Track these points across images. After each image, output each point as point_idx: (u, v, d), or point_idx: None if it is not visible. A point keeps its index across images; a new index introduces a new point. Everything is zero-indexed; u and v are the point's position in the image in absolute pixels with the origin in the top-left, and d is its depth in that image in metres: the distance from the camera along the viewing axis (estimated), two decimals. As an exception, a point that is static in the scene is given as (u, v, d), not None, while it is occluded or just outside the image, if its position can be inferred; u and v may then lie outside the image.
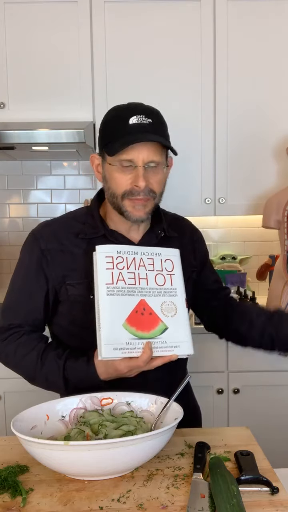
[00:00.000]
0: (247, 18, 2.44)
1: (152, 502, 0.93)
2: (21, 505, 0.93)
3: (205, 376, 2.27)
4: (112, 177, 1.23)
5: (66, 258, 1.28)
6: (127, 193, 1.21)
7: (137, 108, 1.22)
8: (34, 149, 2.46)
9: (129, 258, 1.20)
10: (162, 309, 1.18)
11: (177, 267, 1.24)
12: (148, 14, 2.43)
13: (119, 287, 1.16)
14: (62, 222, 1.34)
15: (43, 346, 1.25)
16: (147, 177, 1.20)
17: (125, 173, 1.21)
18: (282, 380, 2.30)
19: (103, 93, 2.46)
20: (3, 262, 2.83)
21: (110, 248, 1.20)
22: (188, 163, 2.49)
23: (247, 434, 1.21)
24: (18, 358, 1.26)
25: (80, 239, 1.28)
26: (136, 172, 1.20)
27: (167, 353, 1.15)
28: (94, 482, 0.99)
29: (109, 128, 1.24)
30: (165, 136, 1.24)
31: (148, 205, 1.24)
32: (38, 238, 1.30)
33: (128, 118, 1.19)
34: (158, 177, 1.23)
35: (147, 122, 1.19)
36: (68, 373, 1.21)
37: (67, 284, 1.27)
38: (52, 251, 1.28)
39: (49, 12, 2.42)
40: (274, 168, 2.51)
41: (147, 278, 1.20)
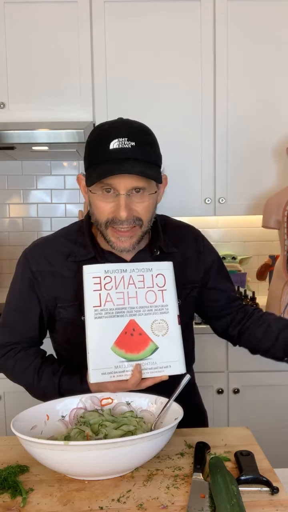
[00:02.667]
0: (247, 18, 2.44)
1: (152, 502, 0.93)
2: (21, 505, 0.93)
3: (205, 376, 2.27)
4: (94, 204, 1.17)
5: (56, 280, 1.26)
6: (109, 221, 1.16)
7: (120, 129, 1.13)
8: (34, 149, 2.46)
9: (118, 277, 1.15)
10: (153, 328, 1.15)
11: (169, 281, 1.18)
12: (148, 14, 2.43)
13: (107, 309, 1.13)
14: (53, 243, 1.30)
15: (39, 362, 1.27)
16: (130, 205, 1.13)
17: (108, 200, 1.14)
18: (282, 380, 2.30)
19: (103, 93, 2.46)
20: (3, 262, 2.83)
21: (98, 268, 1.16)
22: (188, 163, 2.49)
23: (247, 434, 1.21)
24: (16, 374, 1.29)
25: (70, 261, 1.25)
26: (117, 201, 1.13)
27: (157, 374, 1.13)
28: (94, 482, 0.99)
29: (90, 151, 1.17)
30: (149, 160, 1.14)
31: (135, 235, 1.18)
32: (28, 259, 1.28)
33: (108, 142, 1.11)
34: (144, 204, 1.15)
35: (129, 146, 1.11)
36: (63, 389, 1.23)
37: (59, 307, 1.27)
38: (42, 273, 1.26)
39: (49, 12, 2.42)
40: (274, 168, 2.51)
41: (136, 296, 1.15)
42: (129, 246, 1.18)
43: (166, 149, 2.45)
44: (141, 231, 1.18)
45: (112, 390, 1.16)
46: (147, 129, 1.18)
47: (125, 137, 1.11)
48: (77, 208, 2.82)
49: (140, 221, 1.16)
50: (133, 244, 1.19)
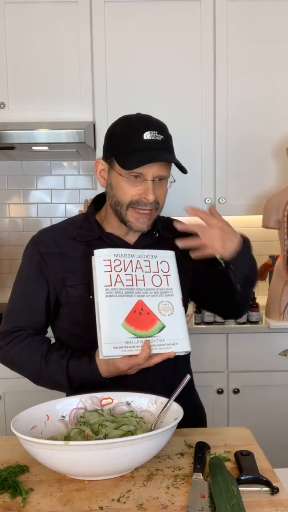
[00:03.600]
0: (247, 17, 2.44)
1: (152, 502, 0.93)
2: (21, 505, 0.93)
3: (205, 376, 2.27)
4: (120, 186, 1.26)
5: (64, 261, 1.31)
6: (133, 202, 1.25)
7: (150, 123, 1.25)
8: (34, 149, 2.46)
9: (126, 260, 1.23)
10: (159, 308, 1.22)
11: (172, 268, 1.28)
12: (148, 14, 2.43)
13: (117, 289, 1.20)
14: (59, 228, 1.38)
15: (46, 347, 1.29)
16: (154, 189, 1.24)
17: (134, 184, 1.24)
18: (282, 380, 2.30)
19: (103, 93, 2.46)
20: (3, 262, 2.83)
21: (108, 251, 1.23)
22: (188, 163, 2.47)
23: (247, 434, 1.21)
24: (22, 360, 1.29)
25: (77, 242, 1.32)
26: (145, 185, 1.24)
27: (165, 350, 1.19)
28: (94, 482, 1.00)
29: (122, 140, 1.25)
30: (173, 152, 1.29)
31: (152, 217, 1.29)
32: (37, 243, 1.34)
33: (142, 133, 1.22)
34: (163, 190, 1.29)
35: (160, 139, 1.23)
36: (72, 372, 1.24)
37: (67, 286, 1.30)
38: (51, 255, 1.32)
39: (49, 12, 2.42)
40: (274, 168, 2.51)
41: (144, 279, 1.23)
42: (146, 227, 1.29)
43: (166, 149, 2.46)
44: (156, 213, 1.30)
45: (122, 368, 1.17)
46: (167, 126, 1.30)
47: (155, 130, 1.24)
48: (77, 208, 2.82)
49: (158, 204, 1.28)
50: (149, 225, 1.29)
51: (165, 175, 1.26)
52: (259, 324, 2.33)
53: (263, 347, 2.30)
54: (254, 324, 2.32)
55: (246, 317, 2.35)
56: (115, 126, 1.29)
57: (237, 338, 2.29)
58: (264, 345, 2.30)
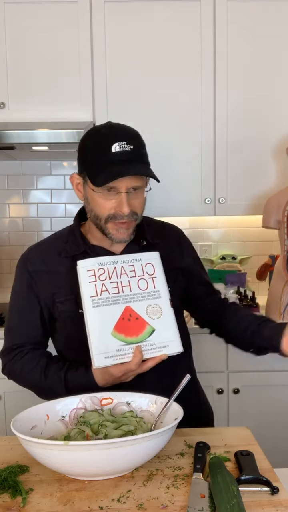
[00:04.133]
0: (247, 18, 2.44)
1: (152, 502, 0.93)
2: (21, 505, 0.93)
3: (205, 376, 2.26)
4: (95, 201, 1.26)
5: (52, 277, 1.33)
6: (110, 216, 1.25)
7: (118, 133, 1.22)
8: (34, 149, 2.46)
9: (110, 268, 1.23)
10: (148, 312, 1.23)
11: (158, 269, 1.28)
12: (148, 14, 2.43)
13: (103, 298, 1.20)
14: (46, 244, 1.39)
15: (45, 361, 1.31)
16: (129, 201, 1.23)
17: (109, 198, 1.23)
18: (282, 380, 2.30)
19: (103, 93, 2.46)
20: (3, 262, 2.83)
21: (91, 261, 1.23)
22: (188, 163, 2.49)
23: (247, 434, 1.21)
24: (24, 375, 1.32)
25: (63, 257, 1.33)
26: (120, 198, 1.23)
27: (157, 353, 1.20)
28: (94, 482, 1.00)
29: (91, 155, 1.24)
30: (145, 161, 1.26)
31: (131, 227, 1.28)
32: (25, 261, 1.36)
33: (110, 146, 1.20)
34: (139, 200, 1.27)
35: (129, 150, 1.21)
36: (69, 383, 1.26)
37: (56, 302, 1.32)
38: (38, 273, 1.34)
39: (49, 12, 2.42)
40: (274, 168, 2.51)
41: (129, 285, 1.23)
42: (127, 237, 1.29)
43: (166, 149, 2.46)
44: (135, 223, 1.29)
45: (116, 374, 1.18)
46: (138, 133, 1.28)
47: (124, 141, 1.21)
48: (77, 208, 2.79)
49: (136, 215, 1.27)
50: (130, 235, 1.29)
51: (138, 185, 1.24)
52: (259, 324, 2.33)
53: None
54: (254, 324, 2.32)
55: (246, 317, 2.35)
56: (84, 140, 1.28)
57: (237, 338, 2.29)
58: (264, 345, 2.29)
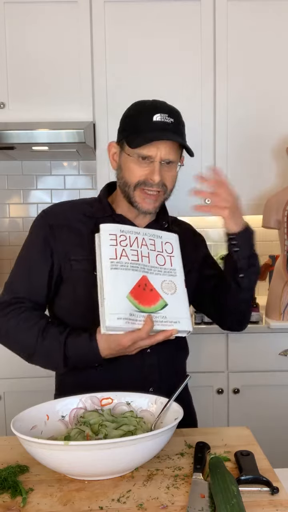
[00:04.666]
0: (247, 18, 2.44)
1: (152, 502, 0.93)
2: (21, 505, 0.93)
3: (205, 376, 2.27)
4: (128, 167, 1.28)
5: (72, 234, 1.32)
6: (140, 183, 1.27)
7: (161, 106, 1.28)
8: (34, 149, 2.46)
9: (132, 237, 1.24)
10: (163, 286, 1.22)
11: (176, 250, 1.29)
12: (148, 14, 2.43)
13: (122, 262, 1.20)
14: (72, 203, 1.40)
15: (44, 322, 1.26)
16: (161, 172, 1.26)
17: (142, 165, 1.26)
18: (282, 380, 2.30)
19: (103, 93, 2.46)
20: (3, 262, 2.83)
21: (114, 226, 1.24)
22: (188, 163, 2.48)
23: (247, 434, 1.21)
24: (18, 333, 1.26)
25: (87, 217, 1.33)
26: (152, 166, 1.25)
27: (168, 327, 1.18)
28: (94, 482, 1.00)
29: (133, 121, 1.29)
30: (183, 136, 1.30)
31: (158, 199, 1.30)
32: (48, 214, 1.35)
33: (152, 115, 1.25)
34: (171, 174, 1.30)
35: (169, 121, 1.25)
36: (69, 349, 1.22)
37: (72, 259, 1.30)
38: (60, 227, 1.32)
39: (49, 12, 2.42)
40: (274, 168, 2.51)
41: (149, 256, 1.24)
42: (153, 209, 1.31)
43: (166, 149, 2.46)
44: (164, 197, 1.31)
45: (125, 343, 1.15)
46: (180, 112, 1.33)
47: (166, 113, 1.26)
48: (77, 208, 2.82)
49: (165, 187, 1.29)
50: (155, 207, 1.31)
51: (172, 158, 1.27)
52: (259, 324, 2.33)
53: (263, 347, 2.29)
54: (254, 324, 2.32)
55: (246, 317, 2.35)
56: (128, 110, 1.32)
57: (237, 338, 2.29)
58: (264, 345, 2.30)
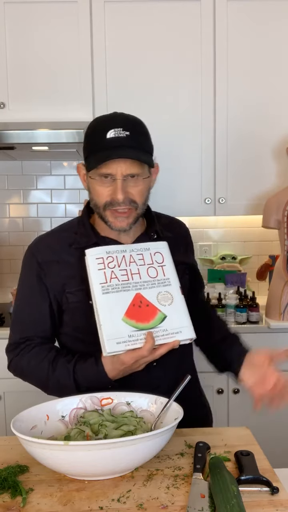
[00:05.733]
0: (247, 17, 2.44)
1: (152, 502, 0.93)
2: (21, 505, 0.93)
3: (205, 376, 2.25)
4: (93, 189, 1.26)
5: (62, 268, 1.31)
6: (107, 204, 1.24)
7: (115, 121, 1.23)
8: (34, 149, 2.46)
9: (119, 256, 1.23)
10: (159, 299, 1.21)
11: (167, 258, 1.27)
12: (148, 14, 2.43)
13: (113, 285, 1.19)
14: (55, 235, 1.38)
15: (53, 354, 1.29)
16: (126, 188, 1.22)
17: (105, 185, 1.23)
18: (282, 380, 2.29)
19: (103, 93, 2.46)
20: (3, 262, 2.83)
21: (99, 250, 1.23)
22: (188, 163, 2.49)
23: (247, 434, 1.21)
24: (31, 369, 1.30)
25: (74, 248, 1.31)
26: (115, 185, 1.22)
27: (169, 339, 1.17)
28: (94, 482, 1.00)
29: (88, 141, 1.27)
30: (142, 148, 1.24)
31: (131, 216, 1.26)
32: (34, 252, 1.34)
33: (105, 132, 1.21)
34: (138, 188, 1.25)
35: (124, 136, 1.21)
36: (78, 375, 1.24)
37: (67, 292, 1.30)
38: (48, 263, 1.32)
39: (49, 12, 2.42)
40: (274, 168, 2.51)
41: (139, 272, 1.22)
42: (126, 226, 1.27)
43: (166, 149, 2.46)
44: (136, 212, 1.27)
45: (128, 362, 1.15)
46: (141, 121, 1.28)
47: (120, 127, 1.21)
48: (77, 208, 2.82)
49: (135, 203, 1.25)
50: (129, 224, 1.27)
51: (135, 172, 1.22)
52: (259, 324, 2.33)
53: (263, 347, 2.29)
54: (254, 324, 2.32)
55: (246, 317, 2.35)
56: (87, 128, 1.30)
57: (237, 338, 2.29)
58: (264, 345, 2.28)
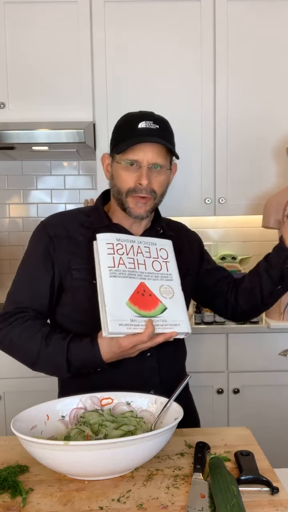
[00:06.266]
0: (247, 18, 2.44)
1: (152, 502, 0.93)
2: (21, 505, 0.93)
3: (205, 376, 2.27)
4: (119, 174, 1.32)
5: (71, 244, 1.35)
6: (131, 190, 1.30)
7: (147, 115, 1.32)
8: (34, 149, 2.46)
9: (128, 245, 1.28)
10: (161, 291, 1.26)
11: (171, 255, 1.33)
12: (148, 14, 2.43)
13: (120, 270, 1.24)
14: (69, 214, 1.43)
15: (48, 329, 1.29)
16: (150, 177, 1.29)
17: (131, 171, 1.30)
18: (282, 380, 2.30)
19: (103, 93, 2.46)
20: (3, 262, 2.83)
21: (110, 236, 1.28)
22: (188, 163, 2.49)
23: (247, 434, 1.21)
24: (22, 341, 1.28)
25: (85, 228, 1.36)
26: (140, 171, 1.29)
27: (168, 330, 1.21)
28: (94, 482, 1.00)
29: (119, 131, 1.34)
30: (170, 142, 1.33)
31: (148, 204, 1.32)
32: (46, 225, 1.38)
33: (137, 123, 1.30)
34: (160, 179, 1.32)
35: (155, 128, 1.29)
36: (72, 354, 1.23)
37: (72, 268, 1.33)
38: (59, 238, 1.35)
39: (49, 12, 2.42)
40: (274, 168, 2.51)
41: (145, 263, 1.28)
42: (144, 213, 1.33)
43: (166, 149, 2.46)
44: (154, 202, 1.34)
45: (126, 346, 1.17)
46: (167, 121, 1.37)
47: (151, 121, 1.31)
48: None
49: (155, 193, 1.32)
50: (147, 211, 1.33)
51: (160, 162, 1.30)
52: (259, 324, 2.33)
53: (263, 347, 2.29)
54: (254, 324, 2.32)
55: (246, 317, 2.35)
56: (118, 122, 1.37)
57: (237, 338, 2.29)
58: (264, 345, 2.30)
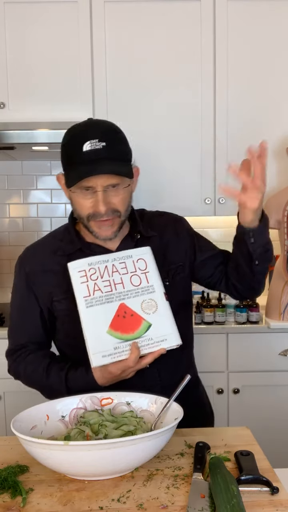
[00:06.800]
0: (247, 18, 2.44)
1: (152, 502, 0.93)
2: (21, 505, 0.93)
3: (205, 376, 2.25)
4: (75, 201, 1.26)
5: (48, 276, 1.33)
6: (90, 215, 1.24)
7: (91, 131, 1.22)
8: (34, 149, 2.46)
9: (101, 267, 1.23)
10: (143, 307, 1.22)
11: (150, 264, 1.27)
12: (148, 14, 2.43)
13: (96, 297, 1.21)
14: (43, 244, 1.39)
15: (47, 361, 1.32)
16: (108, 199, 1.22)
17: (86, 197, 1.23)
18: (282, 380, 2.30)
19: (103, 93, 2.46)
20: (3, 262, 2.83)
21: (82, 262, 1.24)
22: (188, 163, 2.49)
23: (247, 434, 1.21)
24: (27, 375, 1.33)
25: (59, 256, 1.32)
26: (96, 197, 1.22)
27: (155, 348, 1.20)
28: (94, 482, 1.00)
29: (65, 154, 1.27)
30: (120, 158, 1.23)
31: (115, 223, 1.26)
32: (22, 262, 1.37)
33: (82, 144, 1.20)
34: (119, 197, 1.24)
35: (101, 147, 1.19)
36: (70, 383, 1.26)
37: (54, 300, 1.33)
38: (35, 273, 1.34)
39: (49, 12, 2.42)
40: (274, 168, 2.51)
41: (122, 282, 1.23)
42: (111, 234, 1.27)
43: (166, 149, 2.46)
44: (120, 220, 1.27)
45: (115, 372, 1.18)
46: (116, 128, 1.26)
47: (96, 138, 1.20)
48: (77, 208, 2.82)
49: (118, 212, 1.25)
50: (114, 232, 1.27)
51: (115, 182, 1.22)
52: (259, 324, 2.33)
53: (263, 347, 2.30)
54: (254, 324, 2.32)
55: (246, 317, 2.35)
56: (63, 138, 1.29)
57: (237, 338, 2.29)
58: (264, 345, 2.30)
